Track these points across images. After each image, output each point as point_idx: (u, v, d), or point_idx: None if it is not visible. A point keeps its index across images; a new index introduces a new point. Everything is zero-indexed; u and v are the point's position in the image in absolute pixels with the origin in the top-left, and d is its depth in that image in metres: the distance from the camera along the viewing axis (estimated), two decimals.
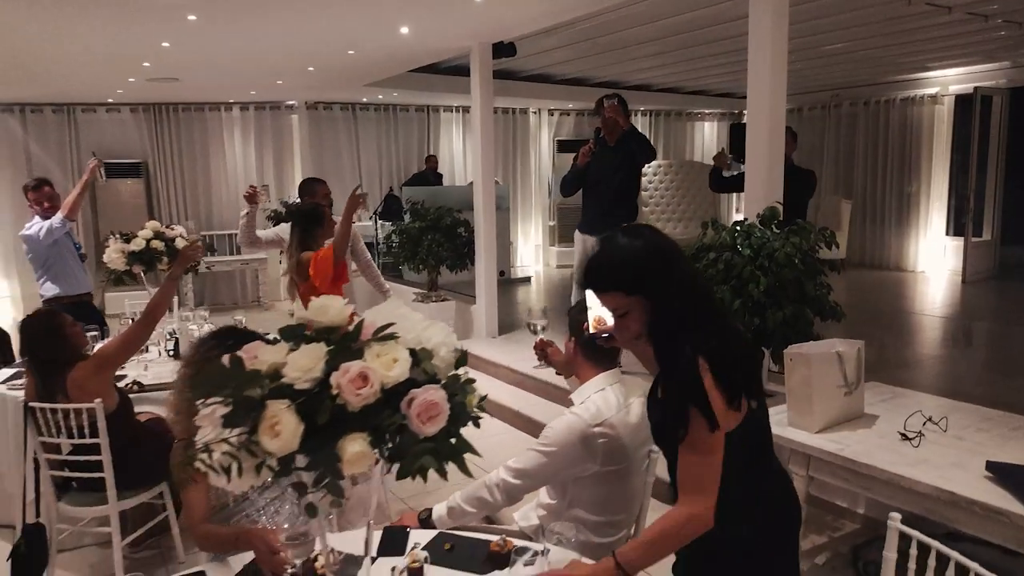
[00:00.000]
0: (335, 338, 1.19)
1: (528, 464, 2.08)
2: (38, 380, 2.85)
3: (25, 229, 4.37)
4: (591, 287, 1.65)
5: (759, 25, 3.73)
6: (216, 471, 1.09)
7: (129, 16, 4.46)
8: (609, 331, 1.81)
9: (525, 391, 5.34)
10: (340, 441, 1.10)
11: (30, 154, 8.87)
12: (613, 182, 4.74)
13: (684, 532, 1.56)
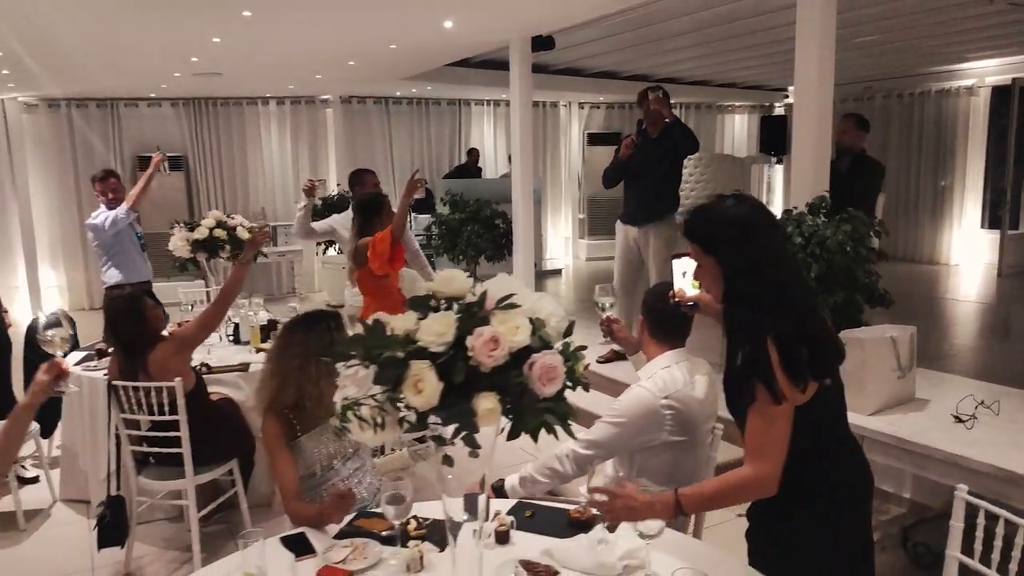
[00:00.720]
0: (461, 306, 1.30)
1: (598, 435, 2.18)
2: (122, 360, 3.00)
3: (91, 218, 4.54)
4: (685, 233, 1.73)
5: (808, 15, 3.77)
6: (366, 424, 1.20)
7: (187, 12, 4.61)
8: (691, 300, 1.90)
9: None
10: (474, 399, 1.20)
11: (75, 148, 9.11)
12: (656, 173, 4.80)
13: (744, 491, 1.64)
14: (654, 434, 2.15)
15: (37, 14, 4.37)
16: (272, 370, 2.27)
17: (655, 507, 1.63)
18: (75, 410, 3.67)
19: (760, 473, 1.59)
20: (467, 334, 1.23)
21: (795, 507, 1.67)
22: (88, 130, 9.13)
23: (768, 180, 11.86)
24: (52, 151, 9.03)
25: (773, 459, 1.59)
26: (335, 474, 2.33)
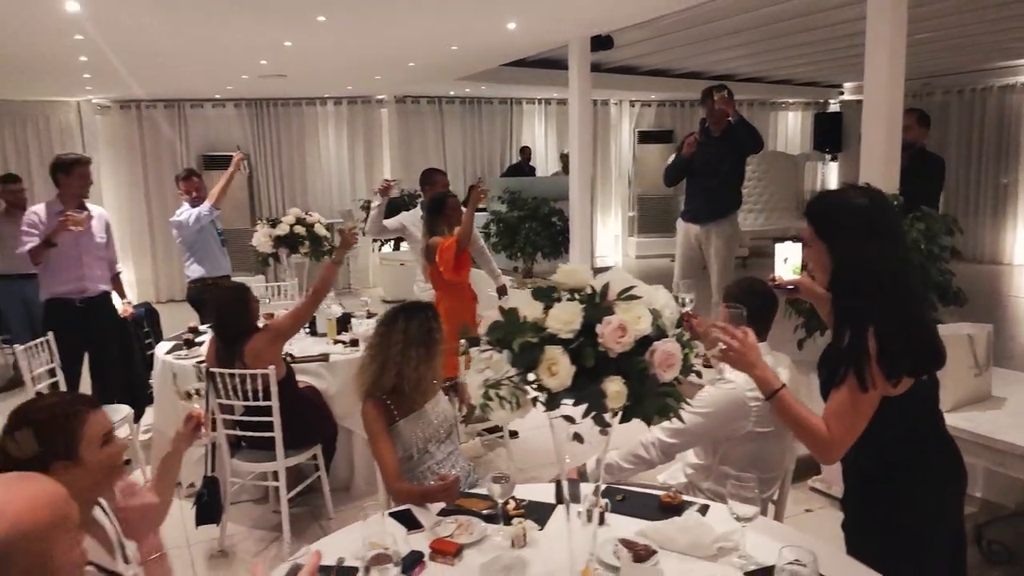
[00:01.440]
0: (583, 297, 1.40)
1: (685, 425, 2.26)
2: (221, 348, 3.19)
3: (175, 216, 4.78)
4: (805, 213, 1.80)
5: (878, 12, 3.77)
6: (506, 402, 1.32)
7: (266, 16, 4.81)
8: (790, 284, 1.97)
9: None
10: (603, 382, 1.31)
11: (145, 148, 9.49)
12: (718, 172, 4.84)
13: (813, 440, 1.70)
14: (740, 424, 2.23)
15: (129, 18, 4.62)
16: (373, 356, 2.41)
17: (766, 376, 1.72)
18: (166, 396, 3.89)
19: (833, 440, 1.66)
20: (594, 322, 1.34)
21: (892, 498, 1.73)
22: (156, 130, 9.50)
23: (822, 178, 11.71)
24: (123, 151, 9.43)
25: (845, 439, 1.66)
26: (430, 457, 2.46)
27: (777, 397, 1.71)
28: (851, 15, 6.06)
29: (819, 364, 1.84)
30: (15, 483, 1.04)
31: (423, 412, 2.46)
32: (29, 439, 1.47)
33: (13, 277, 5.67)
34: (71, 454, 1.51)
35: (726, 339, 1.71)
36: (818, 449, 1.70)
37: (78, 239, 4.00)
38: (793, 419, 1.71)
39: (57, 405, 1.57)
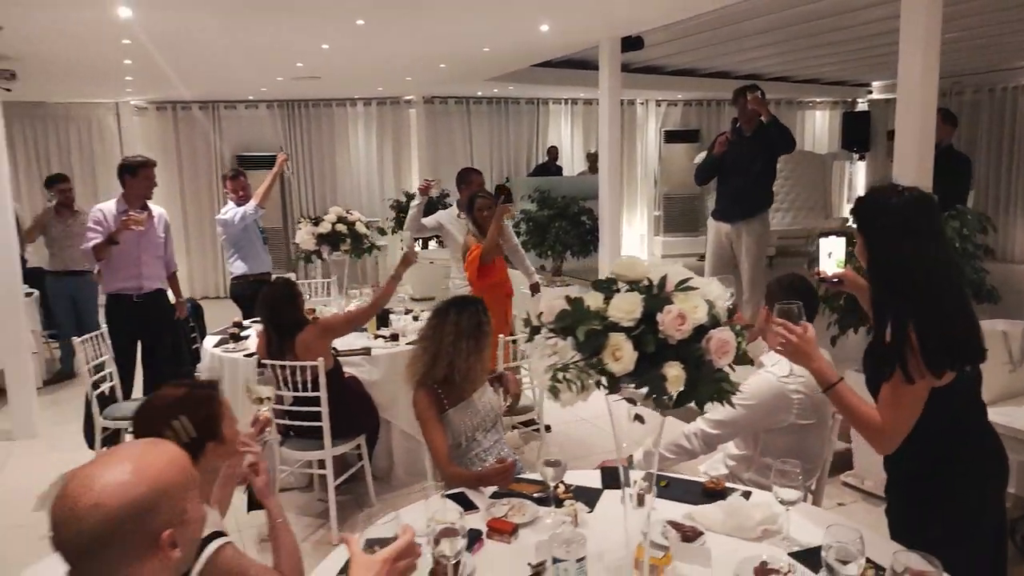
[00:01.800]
0: (641, 288, 1.49)
1: (727, 416, 2.35)
2: (274, 339, 3.33)
3: (221, 214, 4.94)
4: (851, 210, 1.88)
5: (912, 11, 3.80)
6: (573, 385, 1.42)
7: (304, 20, 4.95)
8: (835, 277, 2.05)
9: None
10: (663, 367, 1.40)
11: (180, 148, 9.72)
12: (750, 171, 4.91)
13: (868, 430, 1.78)
14: (782, 416, 2.30)
15: (176, 23, 4.79)
16: (425, 347, 2.52)
17: (822, 373, 1.80)
18: None
19: (885, 432, 1.75)
20: (654, 311, 1.43)
21: (934, 489, 1.80)
22: (192, 131, 9.73)
23: (850, 177, 11.66)
24: (159, 151, 9.63)
25: (898, 429, 1.74)
26: (477, 445, 2.57)
27: (834, 390, 1.79)
28: (880, 14, 6.07)
29: (864, 358, 1.91)
30: (151, 448, 1.16)
31: (471, 401, 2.57)
32: (187, 425, 1.65)
33: (61, 274, 5.88)
34: (216, 434, 1.71)
35: (785, 334, 1.78)
36: (874, 439, 1.77)
37: (138, 238, 4.17)
38: (849, 411, 1.79)
39: (200, 392, 1.78)
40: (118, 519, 1.04)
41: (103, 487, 1.06)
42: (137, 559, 1.08)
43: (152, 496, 1.07)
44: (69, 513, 1.05)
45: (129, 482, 1.07)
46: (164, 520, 1.08)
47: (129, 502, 1.05)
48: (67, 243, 5.87)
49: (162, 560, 1.09)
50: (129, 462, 1.10)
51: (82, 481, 1.07)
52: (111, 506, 1.04)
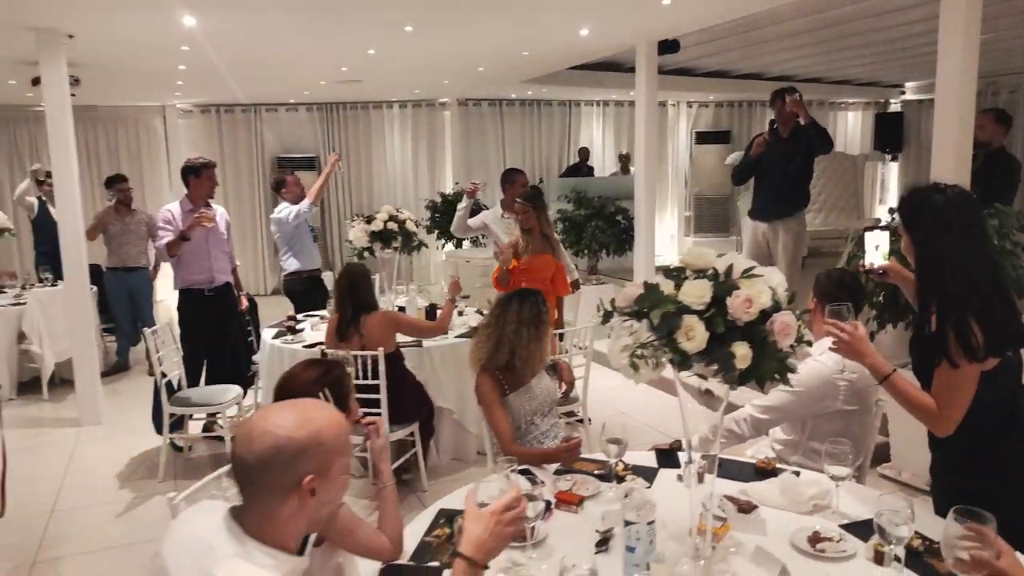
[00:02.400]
0: (709, 276, 1.64)
1: (776, 402, 2.48)
2: (347, 316, 3.56)
3: (275, 213, 5.16)
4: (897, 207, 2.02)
5: (952, 11, 3.88)
6: (649, 362, 1.57)
7: (356, 26, 5.15)
8: (881, 269, 2.18)
9: None
10: (732, 346, 1.55)
11: (223, 149, 10.02)
12: (787, 171, 5.01)
13: (926, 416, 1.91)
14: (828, 402, 2.43)
15: (236, 31, 5.02)
16: (489, 333, 2.69)
17: (877, 366, 1.93)
18: (275, 374, 4.24)
19: (942, 414, 1.88)
20: (723, 296, 1.58)
21: (984, 463, 1.92)
22: (234, 133, 10.02)
23: (882, 178, 11.64)
24: (203, 152, 9.88)
25: (952, 411, 1.86)
26: (535, 428, 2.73)
27: (889, 381, 1.92)
28: (915, 16, 6.12)
29: (910, 348, 2.05)
30: (317, 405, 1.35)
31: (530, 387, 2.73)
32: (330, 397, 1.86)
33: (119, 270, 6.15)
34: (346, 407, 1.92)
35: (838, 334, 1.92)
36: (931, 423, 1.91)
37: (207, 235, 4.39)
38: (905, 399, 1.93)
39: (337, 370, 2.00)
40: (276, 451, 1.24)
41: (274, 423, 1.26)
42: (281, 494, 1.26)
43: (307, 443, 1.25)
44: (246, 437, 1.26)
45: (293, 426, 1.25)
46: (311, 467, 1.26)
47: (288, 441, 1.24)
48: (125, 240, 6.15)
49: (300, 502, 1.27)
50: (300, 412, 1.29)
51: (261, 415, 1.29)
52: (275, 437, 1.24)
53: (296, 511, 1.27)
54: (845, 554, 1.81)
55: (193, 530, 1.33)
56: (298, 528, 1.31)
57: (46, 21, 4.55)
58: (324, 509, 1.33)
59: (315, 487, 1.28)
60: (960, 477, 1.98)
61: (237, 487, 1.29)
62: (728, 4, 5.09)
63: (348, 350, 3.46)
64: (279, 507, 1.27)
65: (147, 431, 4.81)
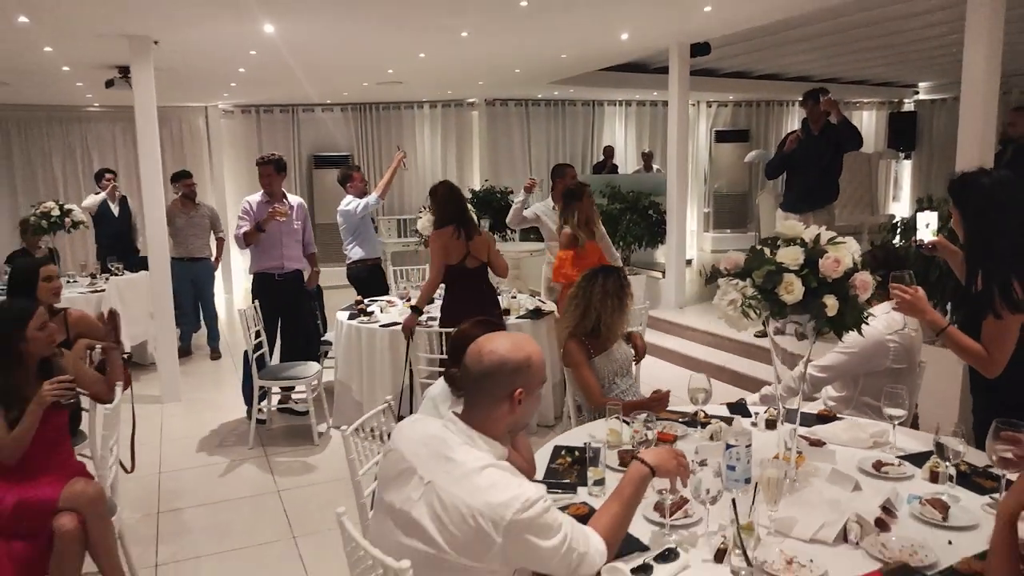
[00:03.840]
0: (800, 242, 2.02)
1: (833, 362, 2.86)
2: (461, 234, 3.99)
3: (343, 205, 5.54)
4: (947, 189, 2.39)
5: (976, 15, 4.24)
6: (755, 311, 1.95)
7: (415, 32, 5.53)
8: (931, 244, 2.55)
9: (724, 351, 6.07)
10: (823, 298, 1.93)
11: (262, 148, 10.38)
12: (818, 166, 5.37)
13: (977, 360, 2.29)
14: (879, 361, 2.81)
15: (307, 36, 5.41)
16: (577, 303, 3.07)
17: (935, 321, 2.30)
18: (353, 354, 4.63)
19: (992, 358, 2.26)
20: (815, 258, 1.96)
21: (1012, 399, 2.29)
22: (273, 132, 10.42)
23: (896, 175, 11.99)
24: (243, 150, 10.36)
25: (999, 355, 2.24)
26: (616, 387, 3.11)
27: (946, 333, 2.31)
28: (929, 21, 6.49)
29: (953, 307, 2.43)
30: (529, 339, 1.74)
31: (611, 351, 3.11)
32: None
33: (185, 260, 6.54)
34: None
35: (901, 294, 2.30)
36: (981, 366, 2.29)
37: (280, 225, 4.77)
38: (960, 347, 2.31)
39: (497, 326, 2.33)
40: (499, 366, 1.63)
41: (499, 344, 1.65)
42: (496, 400, 1.65)
43: (521, 364, 1.63)
44: (476, 353, 1.65)
45: (515, 349, 1.64)
46: (521, 382, 1.64)
47: (510, 358, 1.63)
48: (190, 232, 6.55)
49: (509, 410, 1.66)
50: (516, 342, 1.68)
51: (488, 339, 1.68)
52: (500, 356, 1.63)
53: (506, 414, 1.66)
54: (905, 475, 2.18)
55: (424, 429, 1.72)
56: (504, 428, 1.69)
57: (139, 29, 4.94)
58: (522, 418, 1.71)
59: (522, 399, 1.66)
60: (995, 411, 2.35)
61: (463, 394, 1.68)
62: (760, 9, 5.46)
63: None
64: (496, 410, 1.65)
65: (223, 407, 5.24)
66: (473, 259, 4.07)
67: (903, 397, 2.36)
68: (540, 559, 1.55)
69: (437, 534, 1.54)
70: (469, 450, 1.61)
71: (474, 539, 1.51)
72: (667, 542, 1.79)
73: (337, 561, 3.10)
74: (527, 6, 4.69)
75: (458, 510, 1.53)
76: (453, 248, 4.04)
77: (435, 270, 4.09)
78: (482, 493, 1.53)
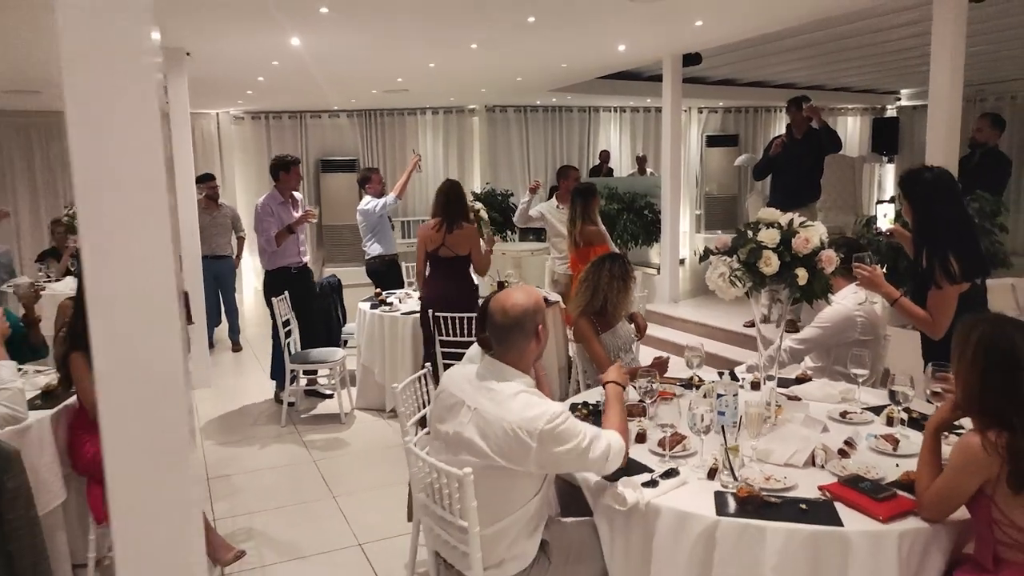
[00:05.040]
0: (776, 226, 2.46)
1: (809, 335, 3.29)
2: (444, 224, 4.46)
3: (362, 204, 5.96)
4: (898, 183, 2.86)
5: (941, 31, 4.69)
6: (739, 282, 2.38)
7: (428, 44, 5.96)
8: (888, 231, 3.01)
9: (715, 340, 6.51)
10: (796, 270, 2.37)
11: (271, 153, 10.78)
12: (801, 168, 5.82)
13: (923, 324, 2.79)
14: (849, 333, 3.24)
15: (329, 48, 5.82)
16: (587, 286, 3.49)
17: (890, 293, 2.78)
18: (375, 340, 5.04)
19: (936, 322, 2.73)
20: (789, 238, 2.40)
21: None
22: (281, 138, 10.82)
23: (879, 178, 12.50)
24: (253, 155, 10.77)
25: (942, 319, 2.70)
26: (620, 360, 3.53)
27: (899, 302, 2.78)
28: (907, 33, 6.96)
29: (909, 281, 2.88)
30: (532, 289, 2.18)
31: (616, 329, 3.54)
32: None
33: (208, 258, 6.91)
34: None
35: (863, 271, 2.79)
36: (928, 330, 2.77)
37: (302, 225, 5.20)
38: (910, 313, 2.79)
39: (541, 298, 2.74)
40: (523, 311, 2.07)
41: (516, 297, 2.10)
42: (526, 338, 2.09)
43: (538, 305, 2.11)
44: (501, 308, 2.09)
45: (527, 296, 2.10)
46: (540, 319, 2.10)
47: (528, 304, 2.08)
48: (213, 231, 6.94)
49: (536, 343, 2.12)
50: (526, 291, 2.14)
51: (506, 295, 2.12)
52: (521, 305, 2.08)
53: (535, 348, 2.12)
54: (866, 420, 2.62)
55: (467, 371, 2.15)
56: (531, 359, 2.13)
57: (175, 41, 5.35)
58: (543, 347, 2.16)
59: (541, 332, 2.10)
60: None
61: (494, 341, 2.11)
62: (747, 24, 5.92)
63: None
64: (526, 347, 2.09)
65: (249, 392, 5.65)
66: (447, 250, 4.55)
67: (866, 359, 2.80)
68: (565, 460, 1.98)
69: (485, 446, 1.97)
70: (505, 381, 2.04)
71: (515, 447, 1.94)
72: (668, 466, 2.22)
73: (375, 515, 3.52)
74: (534, 22, 5.13)
75: (500, 426, 1.96)
76: (430, 238, 4.58)
77: (418, 255, 4.68)
78: (518, 411, 1.96)
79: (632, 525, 2.05)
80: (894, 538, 1.83)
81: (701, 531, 1.93)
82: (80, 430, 2.89)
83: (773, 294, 2.49)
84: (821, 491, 2.04)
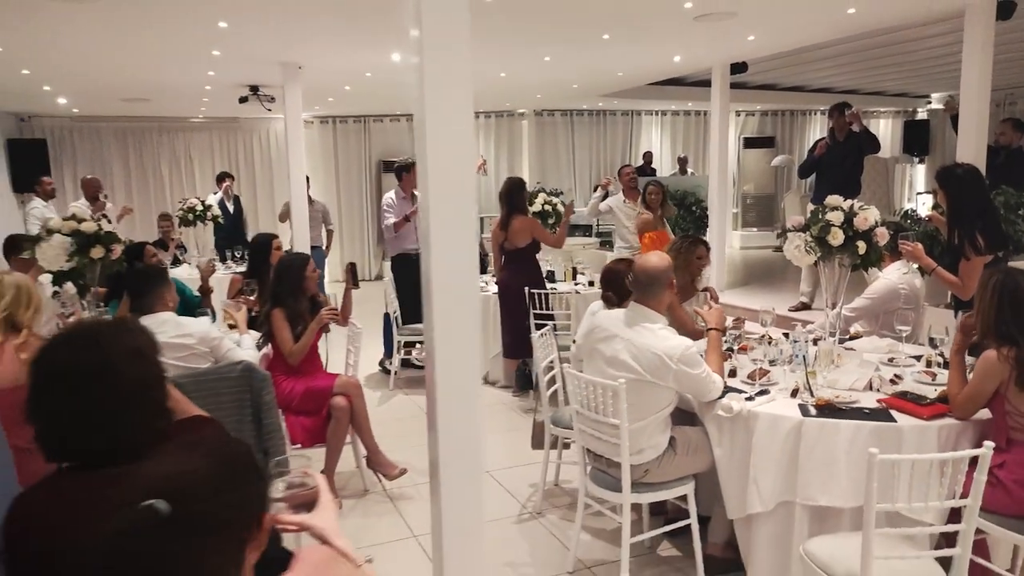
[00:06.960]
0: (840, 209, 3.15)
1: (860, 305, 3.97)
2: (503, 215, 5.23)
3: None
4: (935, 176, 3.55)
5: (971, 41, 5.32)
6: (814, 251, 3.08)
7: (504, 57, 6.69)
8: (926, 216, 3.70)
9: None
10: (856, 243, 3.06)
11: (337, 156, 11.64)
12: (843, 167, 6.47)
13: (955, 288, 3.48)
14: (894, 303, 3.91)
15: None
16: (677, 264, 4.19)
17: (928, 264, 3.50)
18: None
19: (965, 286, 3.41)
20: (851, 218, 3.09)
21: None
22: (346, 141, 11.65)
23: (910, 178, 13.04)
24: (319, 157, 11.58)
25: (970, 283, 3.37)
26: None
27: (935, 271, 3.47)
28: (937, 43, 7.56)
29: (944, 257, 3.56)
30: (664, 254, 2.89)
31: (694, 300, 4.24)
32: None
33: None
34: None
35: (907, 247, 3.49)
36: (958, 291, 3.47)
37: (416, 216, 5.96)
38: (945, 280, 3.50)
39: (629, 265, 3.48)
40: (659, 268, 2.79)
41: (653, 259, 2.83)
42: (664, 288, 2.80)
43: (669, 264, 2.82)
44: (643, 269, 2.81)
45: (661, 259, 2.83)
46: (671, 275, 2.80)
47: (663, 264, 2.81)
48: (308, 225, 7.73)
49: (669, 292, 2.82)
50: (660, 256, 2.85)
51: (645, 259, 2.86)
52: (656, 264, 2.80)
53: (668, 296, 2.83)
54: (909, 364, 3.30)
55: (618, 313, 2.87)
56: (666, 306, 2.85)
57: (291, 56, 6.15)
58: (674, 296, 2.87)
59: (673, 283, 2.82)
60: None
61: (639, 293, 2.82)
62: (793, 37, 6.58)
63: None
64: (664, 296, 2.81)
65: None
66: (509, 243, 5.31)
67: (910, 318, 3.48)
68: (692, 381, 2.70)
69: (636, 365, 2.69)
70: (649, 321, 2.77)
71: (659, 366, 2.66)
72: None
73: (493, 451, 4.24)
74: (608, 39, 5.85)
75: (649, 350, 2.68)
76: (495, 235, 5.40)
77: (493, 248, 5.49)
78: (662, 341, 2.69)
79: (736, 428, 2.75)
80: (935, 430, 2.52)
81: (790, 428, 2.63)
82: (276, 371, 3.66)
83: (839, 259, 3.18)
84: (878, 403, 2.73)
